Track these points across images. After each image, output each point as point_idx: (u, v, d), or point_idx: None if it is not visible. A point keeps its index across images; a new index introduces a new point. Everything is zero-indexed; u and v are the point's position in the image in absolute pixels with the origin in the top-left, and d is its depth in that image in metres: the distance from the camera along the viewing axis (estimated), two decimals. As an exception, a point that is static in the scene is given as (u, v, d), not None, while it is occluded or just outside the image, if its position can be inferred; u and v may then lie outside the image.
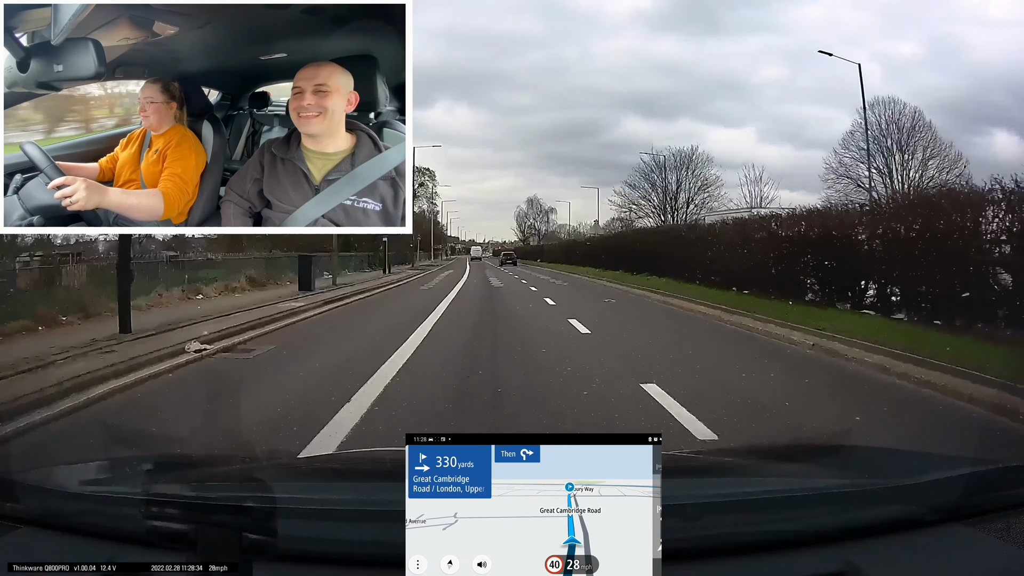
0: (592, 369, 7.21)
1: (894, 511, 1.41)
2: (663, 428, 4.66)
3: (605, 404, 5.62)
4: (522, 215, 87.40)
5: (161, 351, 7.89)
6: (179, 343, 8.45)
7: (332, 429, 4.81)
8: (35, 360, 6.99)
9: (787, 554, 1.30)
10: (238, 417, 4.80)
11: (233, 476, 1.78)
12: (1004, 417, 5.30)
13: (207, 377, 7.13)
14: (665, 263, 23.81)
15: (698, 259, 20.74)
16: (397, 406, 5.56)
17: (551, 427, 4.84)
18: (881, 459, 2.11)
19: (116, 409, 5.69)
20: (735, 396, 5.97)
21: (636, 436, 1.16)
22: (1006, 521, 1.41)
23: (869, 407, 5.67)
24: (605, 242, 41.30)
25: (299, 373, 7.11)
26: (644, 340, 9.95)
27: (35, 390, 5.70)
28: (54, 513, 1.39)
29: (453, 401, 5.79)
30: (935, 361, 7.04)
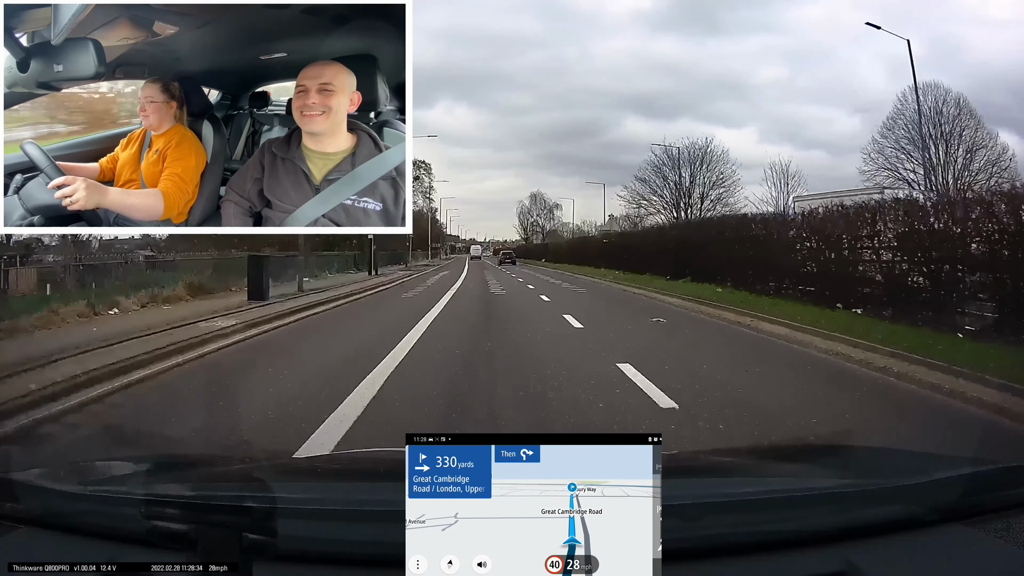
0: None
1: (894, 511, 1.41)
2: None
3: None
4: (524, 211, 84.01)
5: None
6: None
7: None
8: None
9: (787, 554, 1.30)
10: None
11: (233, 476, 1.78)
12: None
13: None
14: (721, 266, 18.15)
15: (781, 261, 14.88)
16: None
17: None
18: (881, 459, 2.11)
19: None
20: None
21: (636, 436, 1.16)
22: (1006, 521, 1.41)
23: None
24: (627, 240, 35.34)
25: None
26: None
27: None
28: (54, 513, 1.39)
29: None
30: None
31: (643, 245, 29.11)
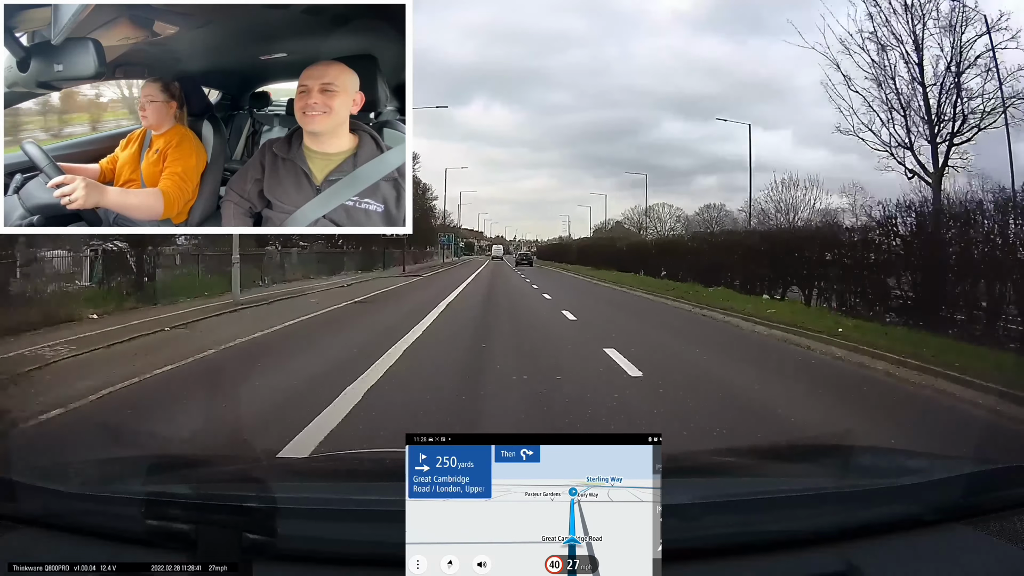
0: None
1: (894, 511, 1.41)
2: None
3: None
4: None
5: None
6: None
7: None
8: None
9: (787, 554, 1.30)
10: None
11: (233, 476, 1.78)
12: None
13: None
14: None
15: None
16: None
17: None
18: (881, 459, 2.11)
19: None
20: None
21: (636, 436, 1.16)
22: (1006, 521, 1.41)
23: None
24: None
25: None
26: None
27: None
28: (54, 513, 1.39)
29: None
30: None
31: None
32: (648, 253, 31.95)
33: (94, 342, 9.07)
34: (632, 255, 34.90)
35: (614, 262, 36.35)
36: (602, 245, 46.38)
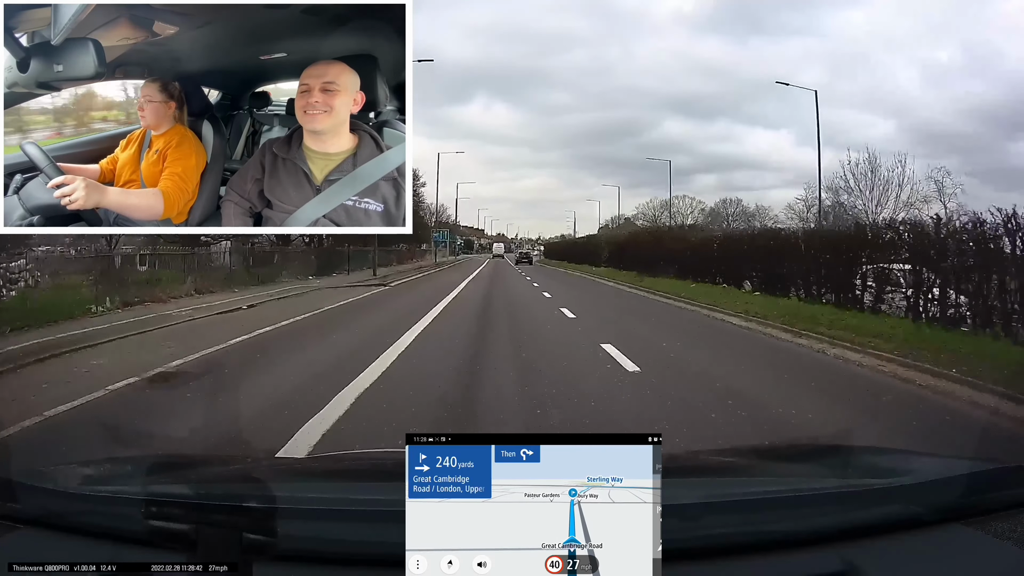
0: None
1: (894, 511, 1.40)
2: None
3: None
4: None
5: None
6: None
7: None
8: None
9: (787, 554, 1.30)
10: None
11: (233, 476, 1.77)
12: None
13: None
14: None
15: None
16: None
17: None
18: (881, 459, 2.11)
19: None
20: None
21: (636, 436, 1.16)
22: (1006, 521, 1.41)
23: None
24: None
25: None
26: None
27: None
28: (54, 513, 1.39)
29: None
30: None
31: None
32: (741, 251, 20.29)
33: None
34: (721, 257, 21.81)
35: (670, 266, 25.00)
36: (644, 241, 32.46)
